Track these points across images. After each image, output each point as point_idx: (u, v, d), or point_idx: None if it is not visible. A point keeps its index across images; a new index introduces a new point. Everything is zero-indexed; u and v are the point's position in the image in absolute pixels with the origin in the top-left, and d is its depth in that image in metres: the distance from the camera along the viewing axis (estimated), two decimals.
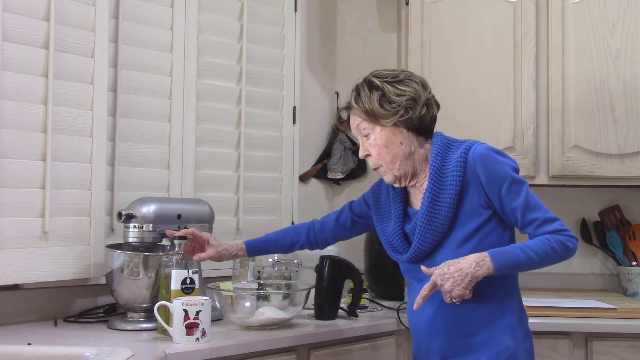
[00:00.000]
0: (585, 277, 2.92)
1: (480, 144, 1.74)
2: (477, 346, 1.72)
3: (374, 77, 1.77)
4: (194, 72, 2.44)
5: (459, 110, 2.63)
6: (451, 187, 1.71)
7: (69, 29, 2.06)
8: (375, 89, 1.75)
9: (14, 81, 1.93)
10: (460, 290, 1.60)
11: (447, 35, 2.69)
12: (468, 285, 1.60)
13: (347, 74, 3.00)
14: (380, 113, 1.74)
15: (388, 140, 1.76)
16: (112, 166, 2.21)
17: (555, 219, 1.70)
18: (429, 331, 1.77)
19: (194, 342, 1.75)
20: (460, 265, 1.61)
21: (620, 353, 2.25)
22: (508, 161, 1.73)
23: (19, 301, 2.04)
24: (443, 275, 1.61)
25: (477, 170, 1.70)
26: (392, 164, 1.77)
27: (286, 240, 2.07)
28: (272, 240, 2.07)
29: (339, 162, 2.91)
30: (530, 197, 1.71)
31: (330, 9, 3.04)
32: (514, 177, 1.70)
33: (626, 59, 2.61)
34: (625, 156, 2.59)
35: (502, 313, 1.73)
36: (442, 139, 1.79)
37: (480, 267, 1.61)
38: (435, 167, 1.74)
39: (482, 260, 1.62)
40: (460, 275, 1.60)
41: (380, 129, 1.76)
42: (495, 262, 1.62)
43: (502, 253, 1.65)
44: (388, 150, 1.76)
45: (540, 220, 1.68)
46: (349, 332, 2.12)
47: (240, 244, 2.04)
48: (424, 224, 1.73)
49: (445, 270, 1.62)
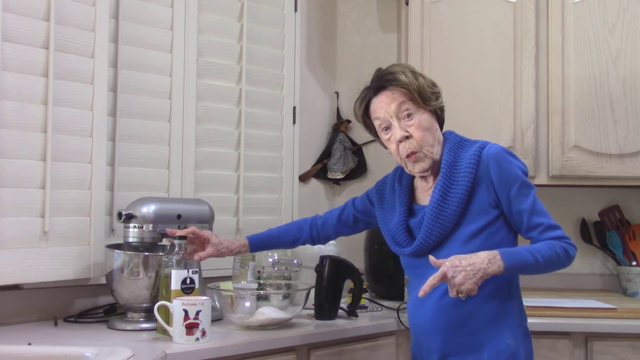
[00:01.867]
0: (585, 277, 2.92)
1: (494, 144, 1.78)
2: (478, 345, 1.72)
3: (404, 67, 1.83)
4: (194, 72, 2.44)
5: (459, 110, 2.62)
6: (462, 183, 1.73)
7: (69, 29, 2.06)
8: (419, 75, 1.79)
9: (14, 81, 1.93)
10: (471, 285, 1.58)
11: (447, 35, 2.69)
12: (478, 281, 1.59)
13: (347, 74, 3.00)
14: (427, 95, 1.77)
15: (430, 123, 1.78)
16: (112, 166, 2.21)
17: (558, 226, 1.73)
18: (430, 329, 1.77)
19: (194, 342, 1.75)
20: (472, 260, 1.60)
21: (620, 353, 2.25)
22: (519, 164, 1.76)
23: (19, 301, 2.04)
24: (455, 267, 1.59)
25: (489, 169, 1.73)
26: (432, 147, 1.77)
27: (289, 236, 2.08)
28: (274, 236, 2.08)
29: (339, 162, 2.91)
30: (537, 202, 1.74)
31: (330, 9, 3.04)
32: (524, 180, 1.73)
33: (626, 59, 2.61)
34: (625, 156, 2.59)
35: (505, 313, 1.73)
36: (455, 136, 1.83)
37: (492, 264, 1.60)
38: (448, 162, 1.76)
39: (494, 258, 1.61)
40: (473, 270, 1.58)
41: (423, 111, 1.77)
42: (506, 261, 1.62)
43: (512, 253, 1.65)
44: (430, 133, 1.77)
45: (545, 225, 1.71)
46: (349, 332, 2.12)
47: (242, 240, 2.05)
48: (433, 217, 1.74)
49: (457, 263, 1.59)
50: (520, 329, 1.76)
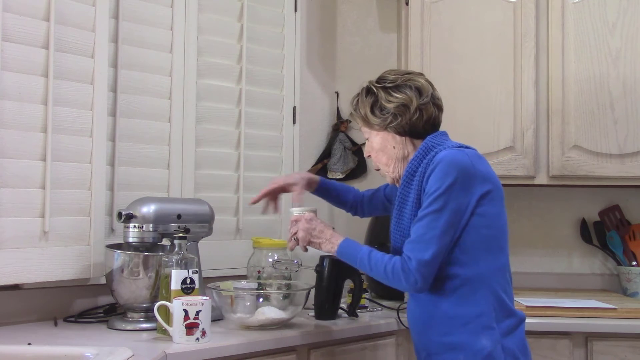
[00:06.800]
0: (585, 277, 2.92)
1: (451, 149, 1.73)
2: (455, 346, 1.73)
3: (376, 81, 1.85)
4: (194, 72, 2.44)
5: (459, 111, 2.63)
6: (414, 192, 1.75)
7: (69, 29, 2.06)
8: (371, 95, 1.83)
9: (14, 81, 1.93)
10: (303, 235, 1.84)
11: (447, 35, 2.69)
12: (313, 241, 1.84)
13: (347, 74, 3.00)
14: (371, 119, 1.83)
15: (382, 144, 1.84)
16: (112, 166, 2.21)
17: (417, 249, 1.66)
18: (414, 329, 1.84)
19: (194, 342, 1.75)
20: (323, 228, 1.84)
21: (620, 353, 2.26)
22: (450, 177, 1.67)
23: (19, 301, 2.04)
24: (309, 221, 1.87)
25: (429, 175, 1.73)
26: (386, 166, 1.86)
27: (348, 195, 2.22)
28: (338, 187, 2.23)
29: (339, 162, 2.91)
30: (432, 221, 1.66)
31: (330, 9, 3.04)
32: (437, 196, 1.66)
33: (626, 59, 2.61)
34: (625, 156, 2.59)
35: (478, 313, 1.71)
36: (428, 143, 1.79)
37: (330, 243, 1.81)
38: (408, 171, 1.79)
39: (336, 240, 1.81)
40: (318, 233, 1.83)
41: (375, 134, 1.85)
42: (340, 247, 1.79)
43: (351, 247, 1.79)
44: (383, 154, 1.85)
45: (408, 240, 1.70)
46: (349, 332, 2.12)
47: (316, 177, 2.19)
48: (394, 224, 1.83)
49: (312, 221, 1.86)
50: (498, 328, 1.71)
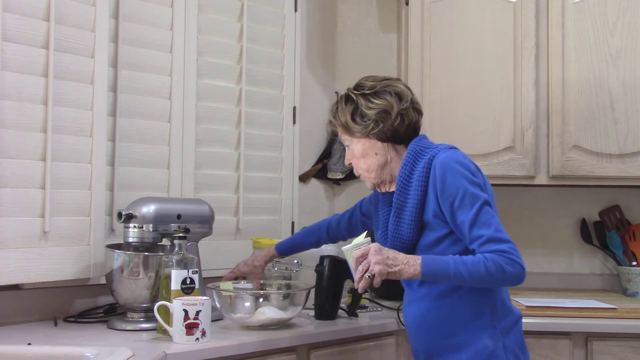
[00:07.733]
0: (585, 277, 2.92)
1: (446, 151, 1.73)
2: (457, 346, 1.73)
3: (354, 88, 1.83)
4: (194, 72, 2.44)
5: (459, 111, 2.64)
6: (413, 197, 1.73)
7: (69, 29, 2.06)
8: (350, 103, 1.81)
9: (14, 81, 1.93)
10: (381, 268, 1.59)
11: (447, 35, 2.69)
12: (391, 272, 1.60)
13: (347, 74, 3.00)
14: (352, 126, 1.80)
15: (363, 151, 1.82)
16: (112, 166, 2.21)
17: (504, 239, 1.62)
18: (415, 330, 1.82)
19: (194, 342, 1.75)
20: (396, 255, 1.63)
21: (620, 353, 2.26)
22: (466, 172, 1.68)
23: (19, 301, 2.04)
24: (379, 250, 1.62)
25: (436, 179, 1.69)
26: (368, 172, 1.84)
27: (312, 238, 2.23)
28: (298, 241, 2.24)
29: (339, 162, 2.91)
30: (483, 213, 1.64)
31: (330, 9, 3.04)
32: (467, 190, 1.66)
33: (626, 59, 2.61)
34: (625, 156, 2.59)
35: (479, 313, 1.72)
36: (415, 147, 1.78)
37: (409, 266, 1.61)
38: (403, 176, 1.76)
39: (414, 262, 1.62)
40: (393, 261, 1.61)
41: (356, 141, 1.82)
42: (424, 267, 1.61)
43: (434, 261, 1.63)
44: (364, 161, 1.83)
45: (486, 237, 1.62)
46: (349, 332, 2.12)
47: (272, 250, 2.21)
48: (392, 233, 1.78)
49: (382, 249, 1.63)
50: (499, 327, 1.73)
